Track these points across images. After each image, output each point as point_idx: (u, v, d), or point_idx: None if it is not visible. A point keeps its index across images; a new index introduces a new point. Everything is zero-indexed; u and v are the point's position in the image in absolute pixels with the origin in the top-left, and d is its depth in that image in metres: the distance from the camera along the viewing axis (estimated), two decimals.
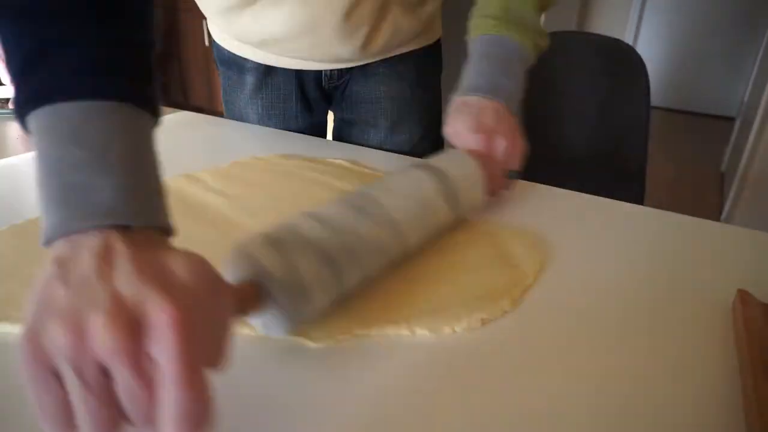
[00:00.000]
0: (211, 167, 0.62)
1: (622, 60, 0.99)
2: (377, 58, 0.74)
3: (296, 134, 0.76)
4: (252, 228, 0.48)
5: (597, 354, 0.35)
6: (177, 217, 0.49)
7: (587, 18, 3.68)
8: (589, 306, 0.39)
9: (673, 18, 3.60)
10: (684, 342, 0.36)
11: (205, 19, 0.77)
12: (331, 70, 0.74)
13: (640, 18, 3.63)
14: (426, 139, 0.80)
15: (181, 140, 0.73)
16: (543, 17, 0.62)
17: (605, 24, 3.65)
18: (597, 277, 0.43)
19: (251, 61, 0.73)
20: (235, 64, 0.75)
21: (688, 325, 0.38)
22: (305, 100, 0.77)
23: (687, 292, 0.41)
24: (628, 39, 3.59)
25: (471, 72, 0.57)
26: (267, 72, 0.74)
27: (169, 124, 0.80)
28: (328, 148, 0.70)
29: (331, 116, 0.85)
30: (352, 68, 0.74)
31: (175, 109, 0.86)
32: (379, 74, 0.75)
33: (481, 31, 0.58)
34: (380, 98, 0.77)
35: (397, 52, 0.74)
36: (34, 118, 0.29)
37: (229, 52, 0.74)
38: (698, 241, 0.49)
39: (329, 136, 0.85)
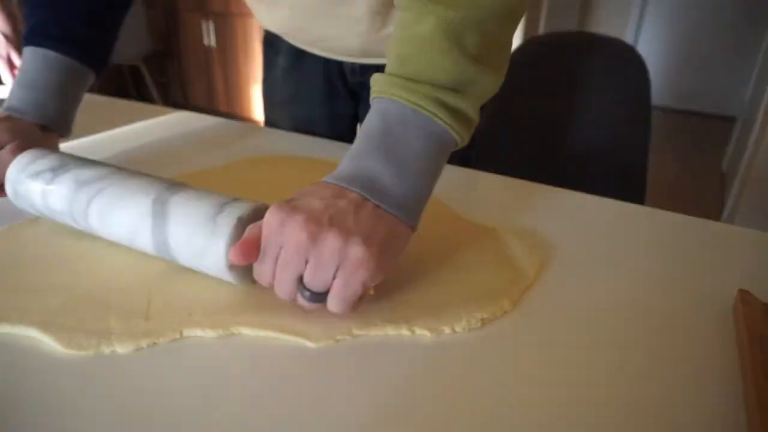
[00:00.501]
0: (211, 167, 0.62)
1: (622, 59, 0.98)
2: None
3: (296, 134, 0.76)
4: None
5: (597, 354, 0.35)
6: None
7: (588, 17, 3.68)
8: (589, 306, 0.39)
9: (674, 17, 3.59)
10: (684, 342, 0.36)
11: (206, 18, 0.79)
12: (352, 63, 0.74)
13: (641, 17, 3.63)
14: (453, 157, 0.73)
15: (181, 140, 0.73)
16: (543, 18, 0.54)
17: (606, 23, 3.65)
18: (597, 277, 0.43)
19: (285, 42, 0.76)
20: (273, 44, 0.79)
21: (689, 324, 0.38)
22: (331, 89, 0.78)
23: (687, 292, 0.41)
24: (628, 38, 3.59)
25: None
26: (298, 55, 0.76)
27: (169, 124, 0.80)
28: (327, 148, 0.70)
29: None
30: (377, 66, 0.73)
31: (175, 109, 0.86)
32: None
33: (372, 92, 0.41)
34: None
35: None
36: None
37: (269, 31, 0.78)
38: (699, 241, 0.49)
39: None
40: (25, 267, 0.42)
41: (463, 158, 0.67)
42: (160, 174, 0.59)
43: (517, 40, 0.73)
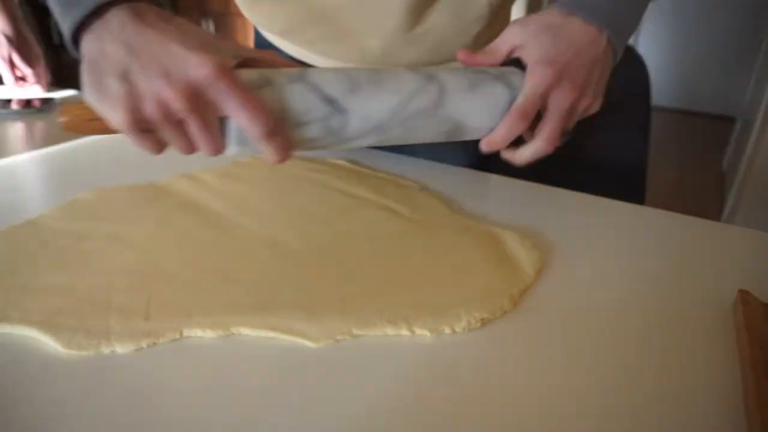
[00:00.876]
0: (211, 167, 0.61)
1: (622, 59, 0.98)
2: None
3: None
4: (251, 227, 0.48)
5: (597, 354, 0.35)
6: (177, 217, 0.50)
7: None
8: (589, 306, 0.39)
9: (674, 17, 3.60)
10: (684, 342, 0.36)
11: (206, 18, 0.76)
12: None
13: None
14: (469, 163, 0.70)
15: None
16: None
17: None
18: (597, 277, 0.43)
19: (285, 53, 0.71)
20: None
21: (689, 324, 0.38)
22: None
23: (687, 292, 0.41)
24: None
25: None
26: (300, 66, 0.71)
27: None
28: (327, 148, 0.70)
29: None
30: None
31: None
32: None
33: None
34: None
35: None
36: None
37: (265, 40, 0.72)
38: (699, 241, 0.49)
39: None
40: (25, 267, 0.42)
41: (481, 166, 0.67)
42: (160, 174, 0.59)
43: None
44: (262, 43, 0.75)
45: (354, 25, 0.59)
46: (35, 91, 0.93)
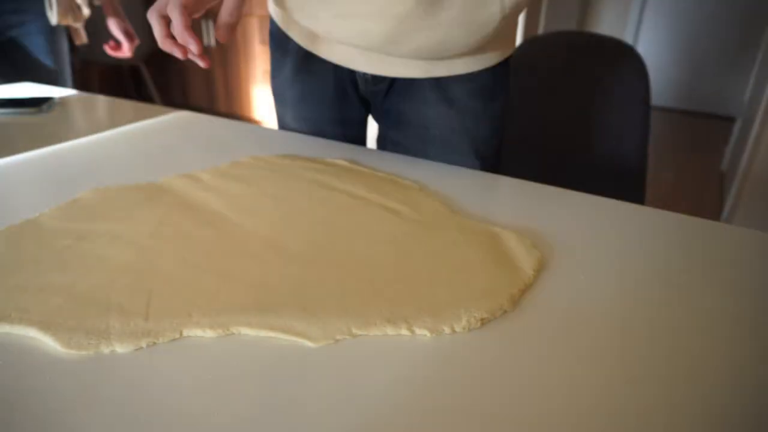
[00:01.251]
0: (211, 167, 0.62)
1: (622, 60, 0.98)
2: (419, 73, 0.66)
3: (296, 134, 0.76)
4: (251, 227, 0.48)
5: (596, 354, 0.35)
6: (176, 216, 0.50)
7: (588, 17, 3.68)
8: (589, 306, 0.39)
9: (673, 17, 3.60)
10: (683, 342, 0.36)
11: (206, 18, 0.78)
12: (364, 74, 0.71)
13: (641, 18, 3.63)
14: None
15: (181, 140, 0.73)
16: (543, 18, 0.54)
17: (606, 23, 3.66)
18: (597, 277, 0.43)
19: (293, 42, 0.73)
20: (281, 42, 0.76)
21: (688, 325, 0.38)
22: (342, 95, 0.76)
23: (686, 292, 0.41)
24: (628, 39, 3.59)
25: None
26: (306, 59, 0.74)
27: (169, 124, 0.80)
28: (328, 148, 0.70)
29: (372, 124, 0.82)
30: (392, 79, 0.70)
31: (175, 109, 0.86)
32: (427, 97, 0.69)
33: None
34: (427, 126, 0.71)
35: (449, 72, 0.67)
36: None
37: (277, 27, 0.75)
38: (698, 241, 0.49)
39: (370, 142, 0.83)
40: (25, 267, 0.42)
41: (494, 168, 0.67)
42: (160, 174, 0.59)
43: (516, 40, 0.74)
44: (279, 33, 0.76)
45: (361, 8, 0.58)
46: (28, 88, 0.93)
